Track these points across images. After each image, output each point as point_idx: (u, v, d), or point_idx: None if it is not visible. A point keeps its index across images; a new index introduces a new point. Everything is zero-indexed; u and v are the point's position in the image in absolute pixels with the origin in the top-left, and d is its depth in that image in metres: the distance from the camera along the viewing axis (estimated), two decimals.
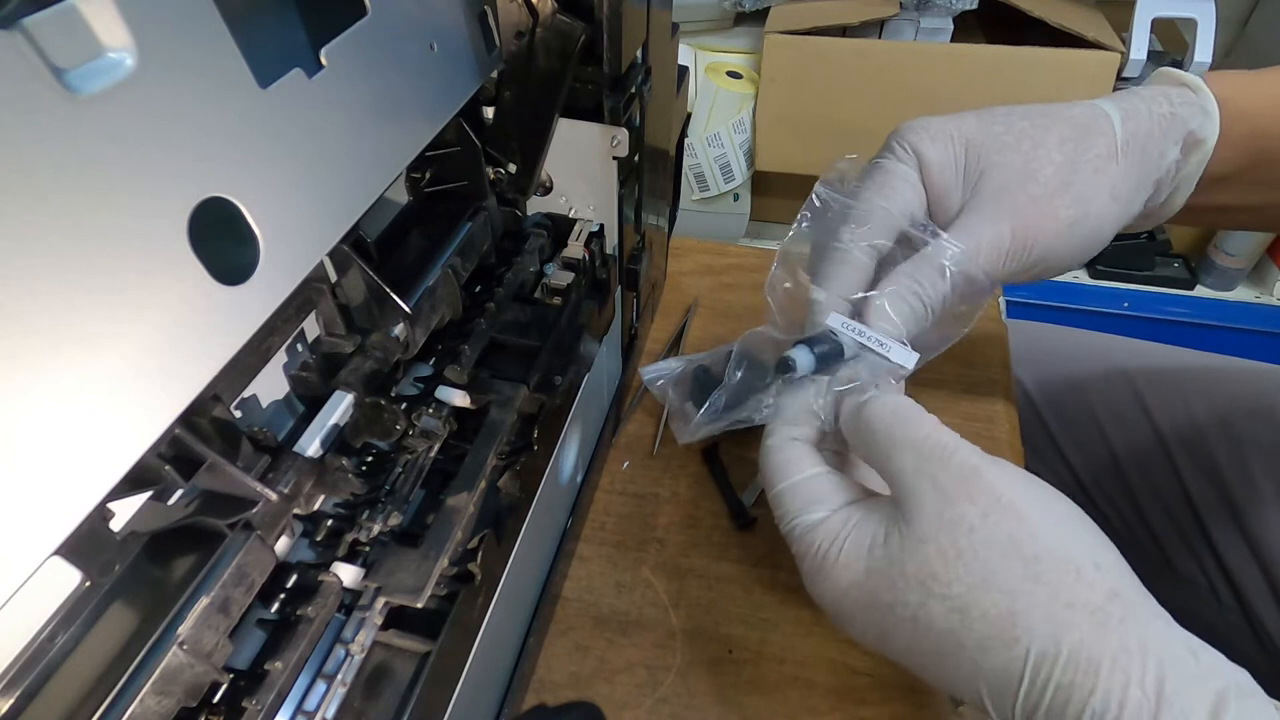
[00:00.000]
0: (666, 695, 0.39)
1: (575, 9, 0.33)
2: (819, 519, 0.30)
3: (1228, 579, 0.53)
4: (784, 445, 0.32)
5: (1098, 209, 0.35)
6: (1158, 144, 0.35)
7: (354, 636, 0.25)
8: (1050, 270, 0.37)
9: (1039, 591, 0.25)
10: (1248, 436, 0.52)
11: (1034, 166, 0.34)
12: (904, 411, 0.30)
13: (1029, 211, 0.34)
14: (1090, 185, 0.35)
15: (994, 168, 0.35)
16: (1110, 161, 0.35)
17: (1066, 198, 0.34)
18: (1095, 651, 0.23)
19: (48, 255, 0.14)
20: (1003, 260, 0.35)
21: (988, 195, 0.35)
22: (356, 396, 0.28)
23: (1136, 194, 0.36)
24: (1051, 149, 0.35)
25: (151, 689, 0.19)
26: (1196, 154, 0.36)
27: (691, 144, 1.21)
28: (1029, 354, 0.61)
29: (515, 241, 0.39)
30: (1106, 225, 0.36)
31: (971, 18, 1.17)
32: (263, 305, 0.20)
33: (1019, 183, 0.34)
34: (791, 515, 0.31)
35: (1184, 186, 0.37)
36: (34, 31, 0.13)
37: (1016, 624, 0.25)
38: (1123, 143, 0.35)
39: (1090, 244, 0.36)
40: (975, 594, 0.25)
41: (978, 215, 0.35)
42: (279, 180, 0.20)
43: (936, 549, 0.26)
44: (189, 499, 0.23)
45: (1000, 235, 0.34)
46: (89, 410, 0.16)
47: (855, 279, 0.35)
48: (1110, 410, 0.58)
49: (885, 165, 0.36)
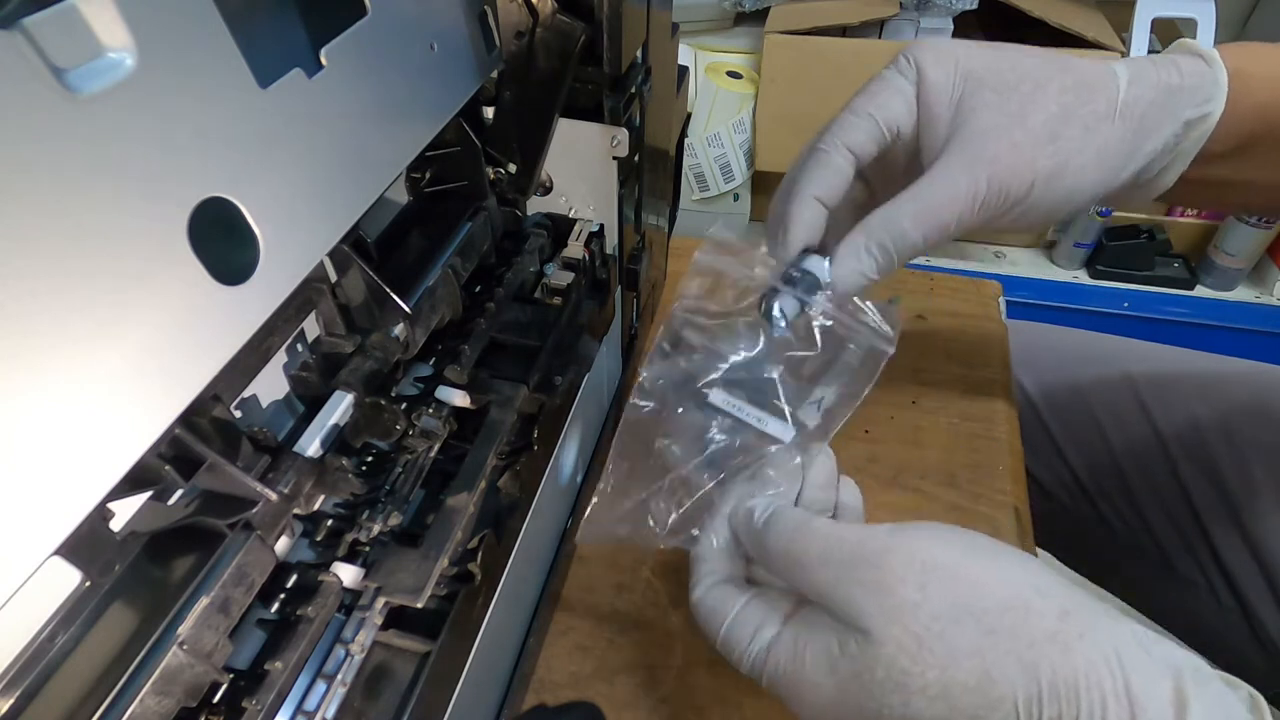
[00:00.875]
0: (666, 695, 0.39)
1: (575, 9, 0.33)
2: (770, 638, 0.29)
3: (1228, 579, 0.53)
4: (708, 593, 0.32)
5: (1078, 166, 0.34)
6: (1158, 114, 0.34)
7: (354, 636, 0.25)
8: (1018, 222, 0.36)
9: (1000, 643, 0.25)
10: (1248, 437, 0.52)
11: (1026, 111, 0.34)
12: (795, 527, 0.30)
13: (1009, 159, 0.33)
14: (1077, 141, 0.34)
15: (986, 107, 0.34)
16: (1106, 121, 0.34)
17: (1049, 148, 0.34)
18: (1068, 675, 0.24)
19: (48, 255, 0.14)
20: (975, 209, 0.34)
21: (972, 135, 0.34)
22: (356, 396, 0.28)
23: (1126, 162, 0.35)
24: (1049, 97, 0.34)
25: (151, 689, 0.19)
26: (1197, 129, 0.35)
27: (691, 144, 1.21)
28: (1029, 354, 0.61)
29: (515, 241, 0.39)
30: (1085, 186, 0.35)
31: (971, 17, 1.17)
32: (263, 305, 0.20)
33: (1006, 126, 0.33)
34: (742, 649, 0.30)
35: (1178, 162, 0.36)
36: (34, 31, 0.13)
37: (995, 681, 0.25)
38: (1123, 105, 0.34)
39: (1064, 202, 0.35)
40: (949, 673, 0.25)
41: (957, 159, 0.34)
42: (279, 180, 0.20)
43: (896, 645, 0.26)
44: (189, 499, 0.23)
45: (976, 184, 0.33)
46: (89, 410, 0.16)
47: (832, 182, 0.35)
48: (1110, 411, 0.58)
49: (885, 75, 0.36)
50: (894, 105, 0.35)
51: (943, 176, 0.34)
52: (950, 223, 0.34)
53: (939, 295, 0.63)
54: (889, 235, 0.34)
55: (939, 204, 0.34)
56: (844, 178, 0.35)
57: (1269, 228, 1.21)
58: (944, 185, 0.34)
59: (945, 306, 0.62)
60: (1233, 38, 1.32)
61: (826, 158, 0.35)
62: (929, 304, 0.62)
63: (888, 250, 0.34)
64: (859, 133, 0.35)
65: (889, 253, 0.34)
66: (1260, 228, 1.21)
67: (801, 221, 0.35)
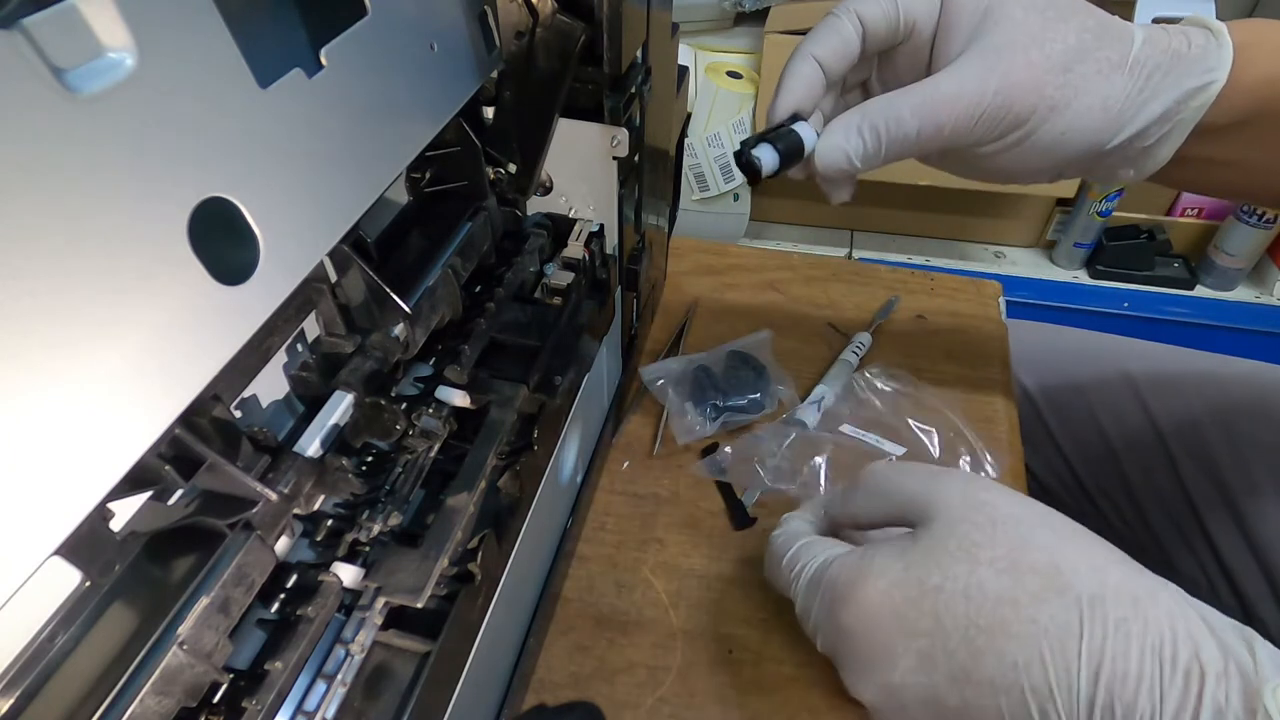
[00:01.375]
0: (666, 695, 0.39)
1: (575, 9, 0.33)
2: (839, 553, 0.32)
3: (1228, 577, 0.53)
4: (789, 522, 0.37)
5: (1084, 107, 0.34)
6: (1163, 78, 0.34)
7: (354, 636, 0.25)
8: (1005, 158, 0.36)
9: (1070, 549, 0.27)
10: (1248, 436, 0.52)
11: (1047, 35, 0.33)
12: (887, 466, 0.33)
13: (1021, 75, 0.33)
14: (1088, 80, 0.34)
15: (1010, 20, 0.33)
16: (1117, 71, 0.34)
17: (1061, 78, 0.33)
18: (1133, 587, 0.25)
19: (48, 255, 0.14)
20: (975, 118, 0.33)
21: (990, 45, 0.33)
22: (356, 396, 0.28)
23: (1127, 121, 0.34)
24: (1070, 29, 0.34)
25: (151, 689, 0.19)
26: (1197, 99, 0.34)
27: (691, 144, 1.21)
28: (1029, 354, 0.61)
29: (515, 241, 0.39)
30: (1083, 129, 0.34)
31: None
32: (263, 305, 0.20)
33: (1024, 44, 0.33)
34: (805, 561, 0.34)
35: (1175, 134, 0.35)
36: (34, 31, 0.13)
37: (1061, 571, 0.26)
38: (1134, 60, 0.34)
39: (1057, 143, 0.35)
40: (1018, 553, 0.27)
41: (971, 62, 0.33)
42: (279, 180, 0.20)
43: (971, 524, 0.28)
44: (189, 499, 0.23)
45: (984, 90, 0.33)
46: (89, 410, 0.16)
47: (834, 45, 0.35)
48: (1110, 410, 0.58)
49: None
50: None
51: (953, 75, 0.33)
52: (947, 123, 0.33)
53: (939, 295, 0.63)
54: (884, 119, 0.34)
55: (942, 99, 0.33)
56: (848, 44, 0.35)
57: (1269, 227, 1.21)
58: (952, 83, 0.33)
59: (945, 306, 0.62)
60: None
61: (835, 21, 0.35)
62: (929, 304, 0.62)
63: (878, 134, 0.34)
64: (875, 7, 0.34)
65: (879, 137, 0.34)
66: (1260, 227, 1.21)
67: (797, 75, 0.35)
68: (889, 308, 0.60)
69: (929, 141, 0.34)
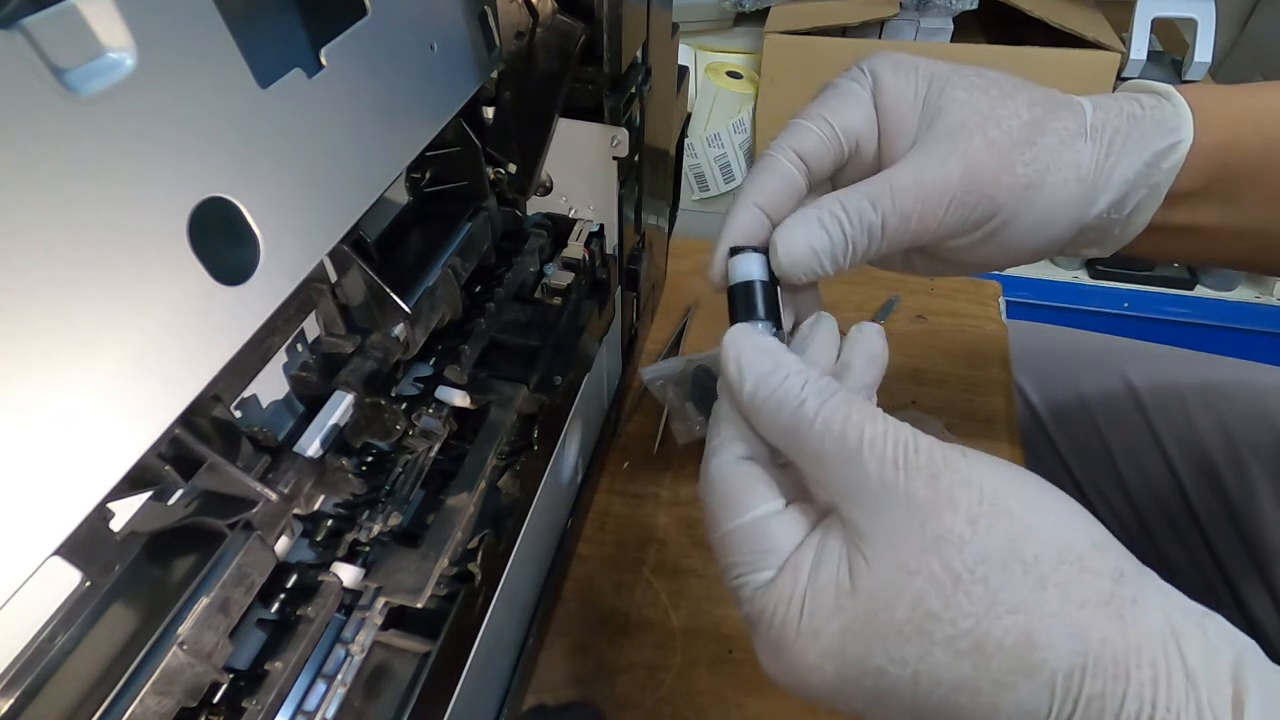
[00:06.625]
0: (666, 695, 0.39)
1: (575, 9, 0.33)
2: (767, 578, 0.24)
3: (1228, 582, 0.53)
4: (730, 471, 0.25)
5: (1059, 179, 0.31)
6: (1125, 141, 0.32)
7: (354, 636, 0.25)
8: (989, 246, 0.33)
9: (1049, 601, 0.21)
10: (1246, 440, 0.52)
11: (1000, 112, 0.31)
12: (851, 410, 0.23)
13: (984, 156, 0.30)
14: (1055, 152, 0.31)
15: (955, 104, 0.31)
16: (1079, 139, 0.32)
17: (1027, 154, 0.31)
18: (1119, 649, 0.21)
19: (48, 255, 0.14)
20: (945, 206, 0.30)
21: (942, 132, 0.31)
22: (356, 396, 0.28)
23: (1103, 186, 0.32)
24: (1020, 104, 0.31)
25: (151, 689, 0.19)
26: (1168, 160, 0.33)
27: (691, 144, 1.21)
28: (1029, 354, 0.61)
29: (515, 241, 0.39)
30: (1065, 203, 0.32)
31: (971, 18, 1.17)
32: (263, 305, 0.20)
33: (979, 124, 0.31)
34: (736, 570, 0.25)
35: (1151, 199, 0.33)
36: (34, 31, 0.13)
37: (1036, 646, 0.21)
38: (1091, 126, 0.32)
39: (1042, 221, 0.32)
40: (986, 624, 0.21)
41: (926, 150, 0.30)
42: (279, 180, 0.20)
43: (927, 578, 0.21)
44: (189, 499, 0.23)
45: (948, 175, 0.30)
46: (89, 410, 0.16)
47: (775, 188, 0.30)
48: (1108, 411, 0.58)
49: (837, 83, 0.33)
50: (850, 111, 0.31)
51: (908, 165, 0.30)
52: (913, 212, 0.30)
53: (939, 295, 0.63)
54: (843, 206, 0.29)
55: (900, 189, 0.29)
56: (791, 185, 0.31)
57: None
58: (908, 173, 0.30)
59: (945, 306, 0.62)
60: (1232, 38, 1.33)
61: (771, 162, 0.31)
62: (929, 304, 0.62)
63: (840, 222, 0.29)
64: (809, 137, 0.31)
65: (841, 225, 0.29)
66: None
67: (738, 227, 0.30)
68: (889, 308, 0.60)
69: (897, 234, 0.30)
